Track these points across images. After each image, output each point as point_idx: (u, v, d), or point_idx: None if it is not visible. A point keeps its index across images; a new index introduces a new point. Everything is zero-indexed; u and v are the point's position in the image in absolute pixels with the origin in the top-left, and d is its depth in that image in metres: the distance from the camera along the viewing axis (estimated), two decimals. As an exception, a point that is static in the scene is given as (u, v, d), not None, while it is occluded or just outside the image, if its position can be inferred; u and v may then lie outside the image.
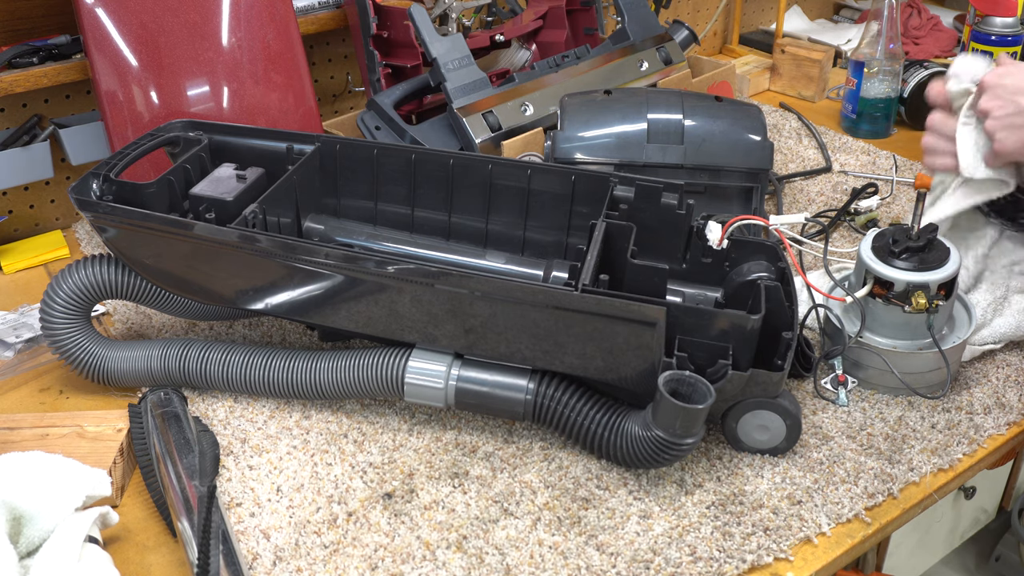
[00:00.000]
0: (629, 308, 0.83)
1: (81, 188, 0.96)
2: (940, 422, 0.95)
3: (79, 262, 0.98)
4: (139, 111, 1.27)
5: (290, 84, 1.36)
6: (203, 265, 0.95)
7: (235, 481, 0.90)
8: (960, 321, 1.02)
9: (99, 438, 0.92)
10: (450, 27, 1.51)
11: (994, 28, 1.40)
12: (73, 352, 0.98)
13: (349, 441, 0.95)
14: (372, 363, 0.92)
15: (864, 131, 1.61)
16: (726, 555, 0.81)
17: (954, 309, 1.02)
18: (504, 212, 1.08)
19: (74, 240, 1.39)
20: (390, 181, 1.10)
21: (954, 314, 1.02)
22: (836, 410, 0.97)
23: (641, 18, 1.47)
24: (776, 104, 1.76)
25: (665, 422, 0.83)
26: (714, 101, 1.26)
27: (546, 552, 0.82)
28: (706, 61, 1.66)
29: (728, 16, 2.07)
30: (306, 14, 1.48)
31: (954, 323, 1.02)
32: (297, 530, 0.84)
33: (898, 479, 0.88)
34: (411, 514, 0.86)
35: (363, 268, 0.88)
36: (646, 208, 1.00)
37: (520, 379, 0.90)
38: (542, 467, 0.91)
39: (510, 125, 1.31)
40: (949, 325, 1.01)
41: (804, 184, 1.45)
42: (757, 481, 0.89)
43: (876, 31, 1.54)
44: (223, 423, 0.97)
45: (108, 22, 1.24)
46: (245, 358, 0.97)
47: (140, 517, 0.88)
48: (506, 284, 0.86)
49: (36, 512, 0.78)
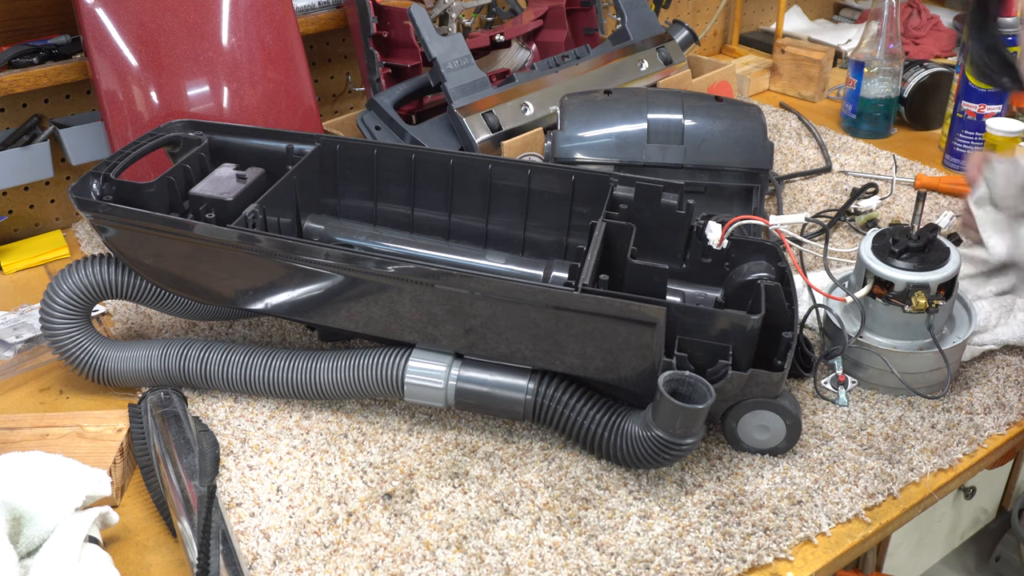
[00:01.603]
0: (629, 308, 0.83)
1: (81, 188, 0.96)
2: (940, 422, 0.95)
3: (79, 262, 0.98)
4: (139, 111, 1.27)
5: (290, 84, 1.36)
6: (203, 265, 0.95)
7: (235, 481, 0.90)
8: (960, 321, 1.02)
9: (99, 438, 0.92)
10: (450, 27, 1.51)
11: (994, 28, 1.40)
12: (73, 352, 0.98)
13: (349, 441, 0.95)
14: (372, 363, 0.92)
15: (864, 131, 1.61)
16: (726, 555, 0.81)
17: (954, 309, 1.02)
18: (504, 212, 1.08)
19: (74, 240, 1.39)
20: (390, 181, 1.10)
21: (954, 314, 1.02)
22: (836, 410, 0.97)
23: (641, 18, 1.47)
24: (776, 104, 1.76)
25: (665, 422, 0.83)
26: (714, 101, 1.26)
27: (546, 552, 0.82)
28: (706, 61, 1.66)
29: (728, 16, 2.07)
30: (306, 14, 1.48)
31: (954, 323, 1.02)
32: (297, 530, 0.84)
33: (898, 479, 0.88)
34: (411, 514, 0.86)
35: (363, 268, 0.88)
36: (646, 208, 1.00)
37: (520, 379, 0.90)
38: (542, 467, 0.91)
39: (510, 125, 1.31)
40: (949, 325, 1.01)
41: (804, 184, 1.45)
42: (757, 481, 0.89)
43: (876, 31, 1.54)
44: (223, 423, 0.97)
45: (108, 22, 1.24)
46: (245, 358, 0.97)
47: (140, 517, 0.88)
48: (506, 284, 0.86)
49: (36, 512, 0.78)
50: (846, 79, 1.62)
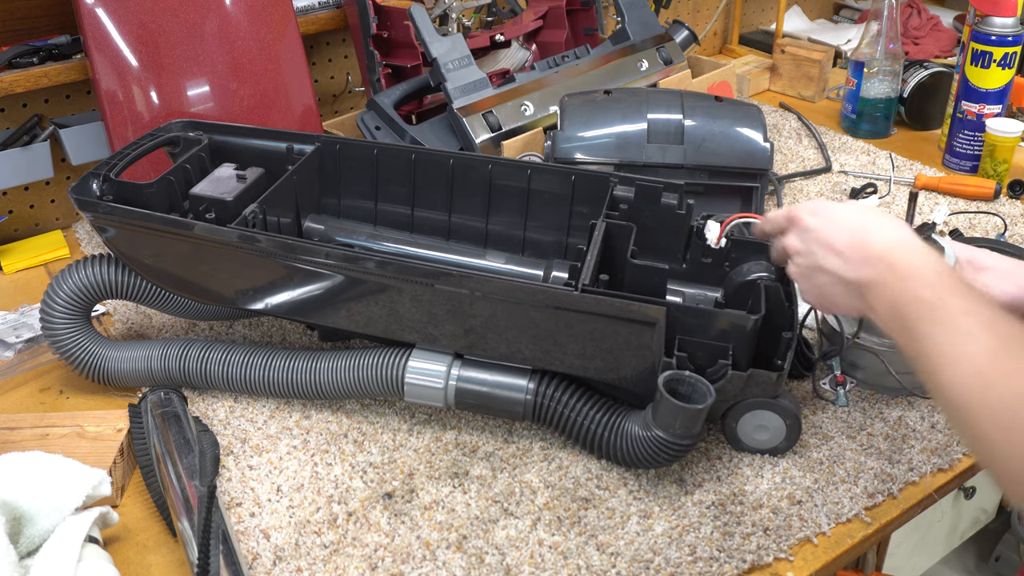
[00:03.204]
0: (629, 308, 0.83)
1: (81, 188, 0.96)
2: (940, 422, 0.95)
3: (79, 262, 0.98)
4: (139, 111, 1.27)
5: (290, 84, 1.36)
6: (203, 265, 0.95)
7: (235, 481, 0.90)
8: None
9: (99, 438, 0.92)
10: (450, 27, 1.51)
11: (994, 28, 1.40)
12: (73, 352, 0.98)
13: (349, 441, 0.95)
14: (372, 363, 0.92)
15: (864, 131, 1.61)
16: (726, 555, 0.81)
17: None
18: (504, 212, 1.08)
19: (74, 240, 1.39)
20: (390, 181, 1.10)
21: None
22: (836, 410, 0.97)
23: (641, 18, 1.47)
24: (776, 104, 1.77)
25: (665, 422, 0.83)
26: (714, 101, 1.26)
27: (546, 552, 0.82)
28: (706, 61, 1.66)
29: (728, 16, 2.07)
30: (306, 14, 1.48)
31: None
32: (297, 530, 0.84)
33: (898, 479, 0.88)
34: (411, 514, 0.86)
35: (363, 268, 0.88)
36: (646, 208, 1.00)
37: (520, 379, 0.90)
38: (542, 467, 0.91)
39: (510, 125, 1.31)
40: None
41: (804, 184, 1.45)
42: (757, 481, 0.89)
43: (876, 31, 1.54)
44: (223, 423, 0.97)
45: (108, 22, 1.24)
46: (245, 358, 0.97)
47: (140, 517, 0.88)
48: (506, 284, 0.86)
49: (36, 512, 0.78)
50: (846, 79, 1.62)
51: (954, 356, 0.63)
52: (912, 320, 0.67)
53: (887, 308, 0.71)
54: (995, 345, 0.62)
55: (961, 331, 0.64)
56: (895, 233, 0.74)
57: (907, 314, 0.68)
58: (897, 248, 0.72)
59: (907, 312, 0.68)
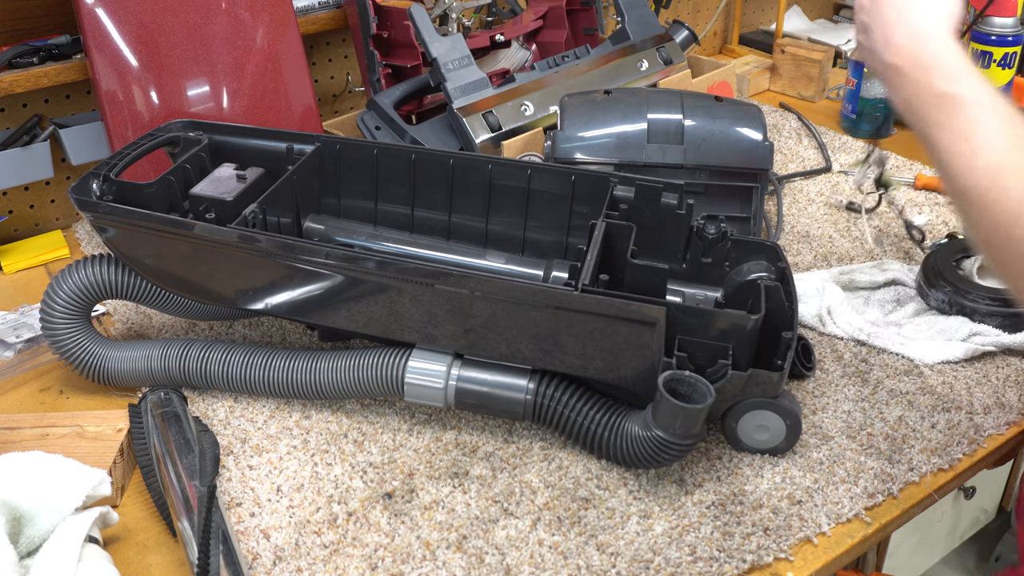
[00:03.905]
0: (629, 308, 0.83)
1: (81, 188, 0.96)
2: (940, 422, 0.95)
3: (79, 262, 0.98)
4: (139, 111, 1.27)
5: (290, 84, 1.36)
6: (203, 265, 0.95)
7: (235, 481, 0.90)
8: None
9: (99, 438, 0.92)
10: (450, 27, 1.51)
11: (994, 28, 1.40)
12: (73, 352, 0.98)
13: (349, 441, 0.95)
14: (372, 363, 0.92)
15: (864, 131, 1.61)
16: (726, 555, 0.81)
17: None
18: (504, 212, 1.08)
19: (74, 240, 1.39)
20: (390, 181, 1.10)
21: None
22: (836, 410, 0.97)
23: (641, 18, 1.47)
24: (776, 104, 1.76)
25: (665, 422, 0.83)
26: (714, 101, 1.26)
27: (546, 552, 0.82)
28: (706, 61, 1.66)
29: (728, 16, 2.07)
30: (306, 14, 1.48)
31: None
32: (297, 530, 0.84)
33: (898, 479, 0.88)
34: (411, 514, 0.86)
35: (363, 268, 0.88)
36: (646, 208, 1.00)
37: (520, 379, 0.90)
38: (542, 467, 0.91)
39: (510, 125, 1.31)
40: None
41: (804, 184, 1.45)
42: (757, 481, 0.89)
43: (876, 31, 1.54)
44: (223, 423, 0.97)
45: (108, 22, 1.24)
46: (245, 358, 0.97)
47: (140, 517, 0.88)
48: (506, 284, 0.86)
49: (36, 512, 0.78)
50: (846, 79, 1.62)
51: (969, 149, 0.64)
52: (929, 110, 0.68)
53: (906, 98, 0.73)
54: (1012, 141, 0.63)
55: (979, 124, 0.65)
56: (931, 23, 0.73)
57: (925, 104, 0.69)
58: (930, 40, 0.72)
59: (924, 103, 0.69)
